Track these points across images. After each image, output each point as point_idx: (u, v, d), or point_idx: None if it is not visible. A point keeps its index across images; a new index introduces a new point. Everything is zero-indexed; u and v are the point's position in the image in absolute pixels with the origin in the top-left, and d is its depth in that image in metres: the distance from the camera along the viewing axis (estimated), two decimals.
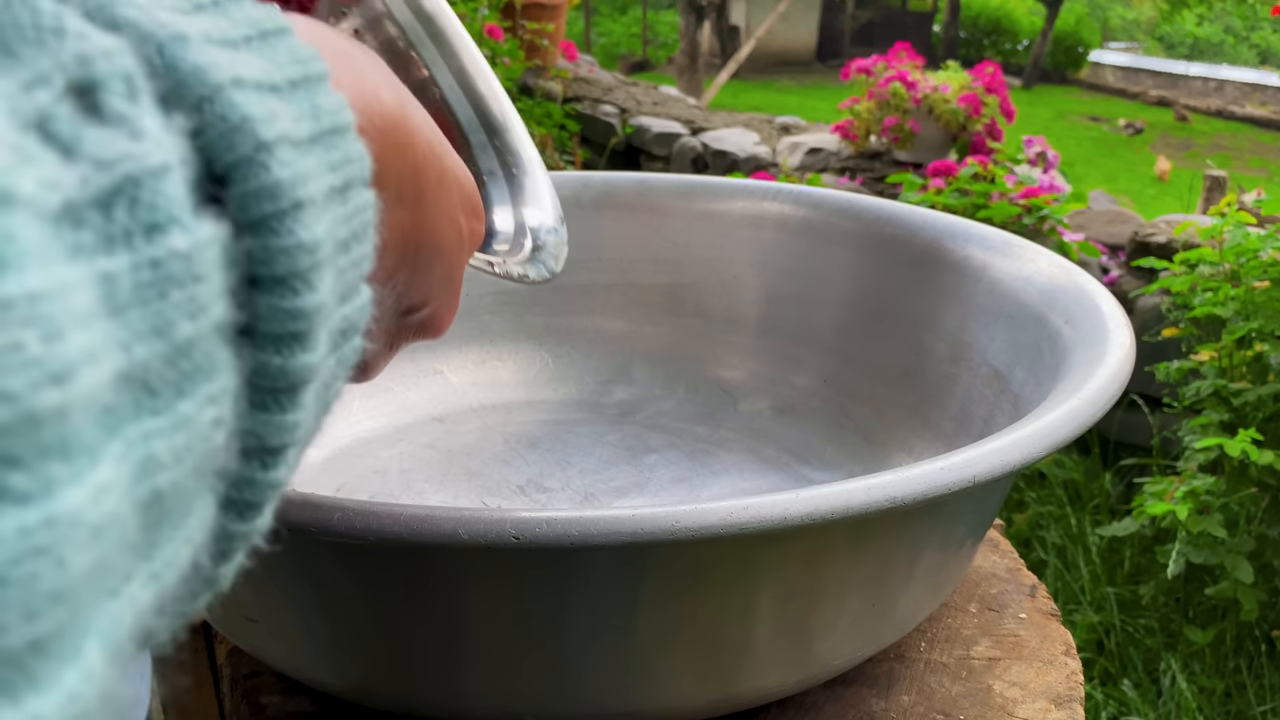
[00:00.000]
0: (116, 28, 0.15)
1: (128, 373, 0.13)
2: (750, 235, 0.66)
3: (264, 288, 0.16)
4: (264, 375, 0.16)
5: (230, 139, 0.16)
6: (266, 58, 0.17)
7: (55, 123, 0.13)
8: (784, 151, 3.34)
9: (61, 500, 0.11)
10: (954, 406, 0.56)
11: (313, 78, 0.18)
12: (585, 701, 0.37)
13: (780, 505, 0.32)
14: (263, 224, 0.16)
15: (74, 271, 0.12)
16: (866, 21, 10.94)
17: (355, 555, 0.35)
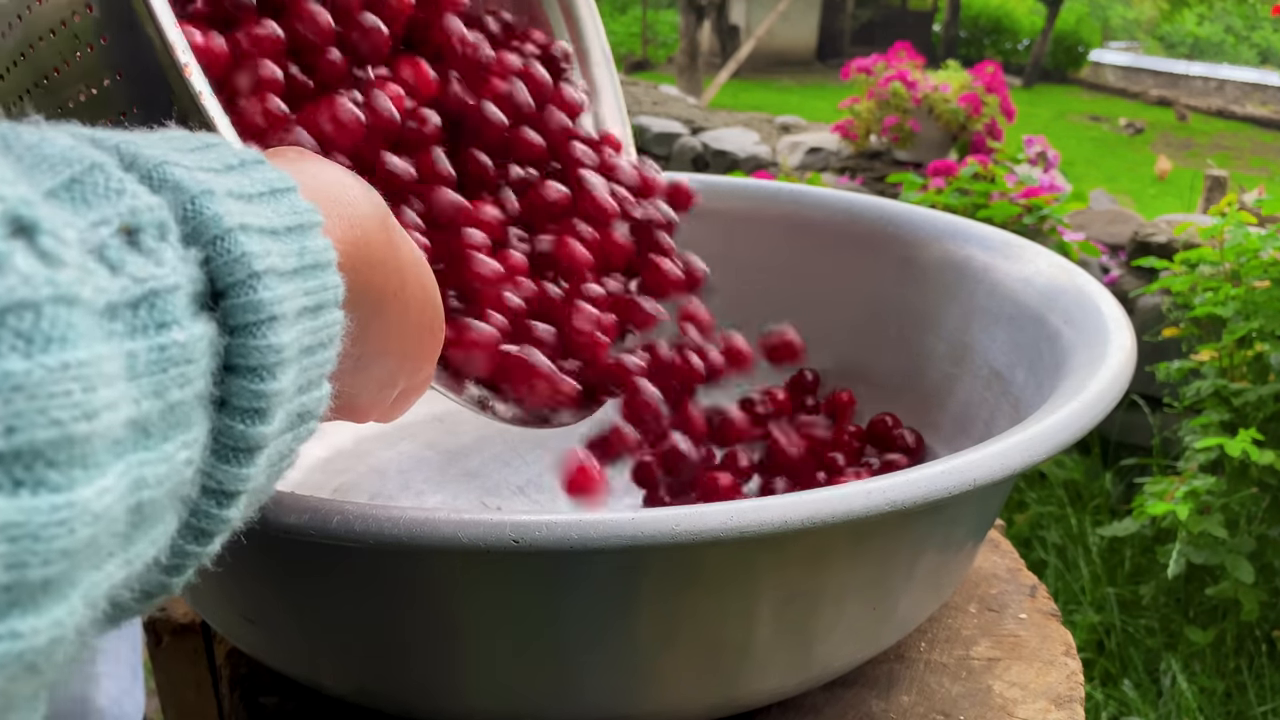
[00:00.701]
0: (164, 185, 0.21)
1: (134, 419, 0.18)
2: (751, 235, 0.66)
3: (238, 373, 0.22)
4: (229, 436, 0.22)
5: (231, 267, 0.22)
6: (272, 208, 0.24)
7: (109, 250, 0.19)
8: (784, 151, 3.34)
9: (79, 492, 0.17)
10: (954, 407, 0.56)
11: (305, 225, 0.24)
12: (585, 704, 0.37)
13: (780, 509, 0.32)
14: (244, 329, 0.22)
15: (108, 348, 0.18)
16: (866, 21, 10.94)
17: (354, 557, 0.35)
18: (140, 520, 0.19)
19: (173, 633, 0.51)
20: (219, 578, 0.41)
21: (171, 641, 0.51)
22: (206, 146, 0.24)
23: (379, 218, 0.29)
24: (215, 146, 0.24)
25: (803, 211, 0.65)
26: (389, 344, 0.31)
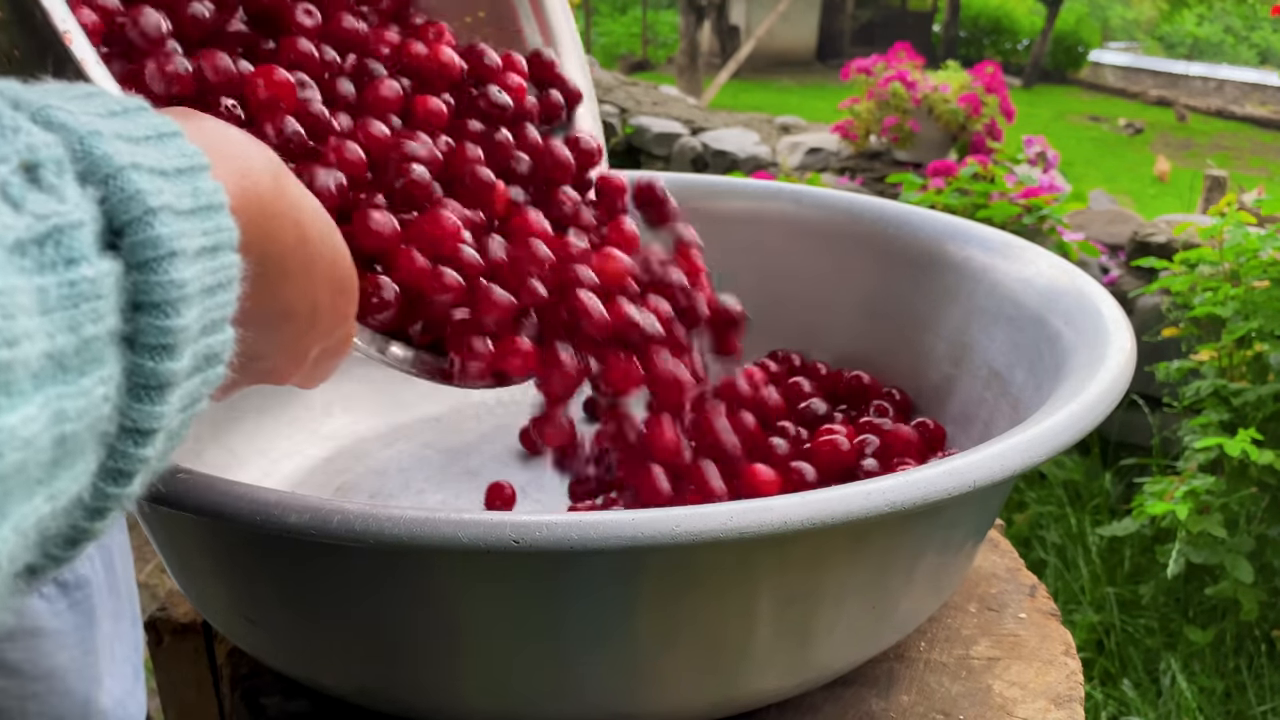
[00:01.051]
0: (52, 127, 0.22)
1: (50, 352, 0.19)
2: (750, 235, 0.66)
3: (144, 310, 0.22)
4: (140, 374, 0.23)
5: (127, 204, 0.22)
6: (159, 151, 0.24)
7: (10, 188, 0.19)
8: (784, 151, 3.34)
9: (6, 418, 0.17)
10: (954, 408, 0.56)
11: (195, 168, 0.25)
12: (585, 704, 0.37)
13: (780, 510, 0.32)
14: (145, 265, 0.22)
15: (20, 281, 0.18)
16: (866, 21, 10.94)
17: (355, 557, 0.35)
18: (63, 455, 0.20)
19: (174, 632, 0.51)
20: (220, 578, 0.41)
21: (172, 641, 0.51)
22: (88, 95, 0.24)
23: (271, 170, 0.29)
24: (97, 95, 0.24)
25: (803, 212, 0.65)
26: (295, 301, 0.32)
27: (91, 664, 0.65)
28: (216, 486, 0.34)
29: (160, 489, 0.34)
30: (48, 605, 0.63)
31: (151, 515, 0.42)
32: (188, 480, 0.34)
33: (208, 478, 0.34)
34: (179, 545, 0.42)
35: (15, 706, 0.61)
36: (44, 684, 0.62)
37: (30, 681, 0.61)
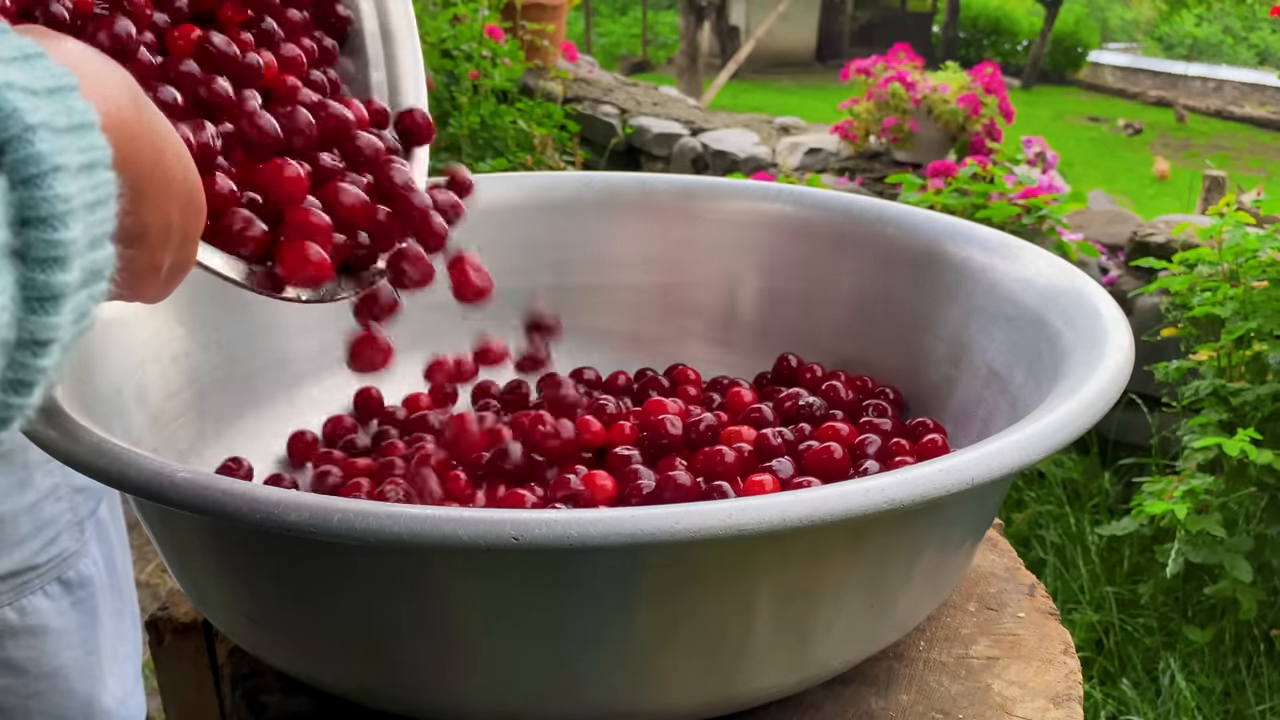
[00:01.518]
0: None
1: None
2: (750, 235, 0.66)
3: (32, 225, 0.23)
4: (33, 287, 0.24)
5: (5, 123, 0.23)
6: (28, 71, 0.25)
7: None
8: (784, 152, 3.34)
9: None
10: (953, 407, 0.56)
11: (65, 87, 0.25)
12: (584, 702, 0.38)
13: (779, 507, 0.32)
14: (30, 181, 0.23)
15: None
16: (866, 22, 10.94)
17: (355, 555, 0.35)
18: None
19: (174, 632, 0.51)
20: (221, 577, 0.41)
21: (173, 640, 0.51)
22: None
23: (130, 92, 0.31)
24: None
25: (802, 213, 0.66)
26: (152, 220, 0.33)
27: (95, 663, 0.65)
28: (217, 486, 0.34)
29: (161, 489, 0.34)
30: (51, 604, 0.63)
31: (153, 515, 0.42)
32: (188, 480, 0.34)
33: (208, 477, 0.34)
34: (180, 545, 0.42)
35: (19, 705, 0.61)
36: (47, 683, 0.62)
37: (34, 680, 0.61)
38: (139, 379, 0.51)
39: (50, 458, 0.60)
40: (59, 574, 0.63)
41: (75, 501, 0.64)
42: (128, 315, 0.51)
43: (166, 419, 0.52)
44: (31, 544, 0.62)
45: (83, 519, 0.65)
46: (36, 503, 0.62)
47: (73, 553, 0.64)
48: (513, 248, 0.66)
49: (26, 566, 0.61)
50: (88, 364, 0.47)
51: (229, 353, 0.57)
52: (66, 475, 0.64)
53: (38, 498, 0.62)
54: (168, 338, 0.53)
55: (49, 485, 0.63)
